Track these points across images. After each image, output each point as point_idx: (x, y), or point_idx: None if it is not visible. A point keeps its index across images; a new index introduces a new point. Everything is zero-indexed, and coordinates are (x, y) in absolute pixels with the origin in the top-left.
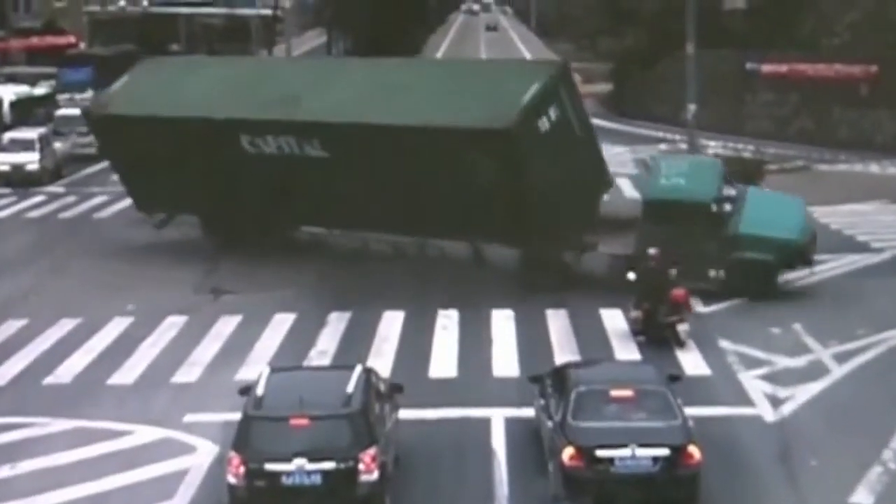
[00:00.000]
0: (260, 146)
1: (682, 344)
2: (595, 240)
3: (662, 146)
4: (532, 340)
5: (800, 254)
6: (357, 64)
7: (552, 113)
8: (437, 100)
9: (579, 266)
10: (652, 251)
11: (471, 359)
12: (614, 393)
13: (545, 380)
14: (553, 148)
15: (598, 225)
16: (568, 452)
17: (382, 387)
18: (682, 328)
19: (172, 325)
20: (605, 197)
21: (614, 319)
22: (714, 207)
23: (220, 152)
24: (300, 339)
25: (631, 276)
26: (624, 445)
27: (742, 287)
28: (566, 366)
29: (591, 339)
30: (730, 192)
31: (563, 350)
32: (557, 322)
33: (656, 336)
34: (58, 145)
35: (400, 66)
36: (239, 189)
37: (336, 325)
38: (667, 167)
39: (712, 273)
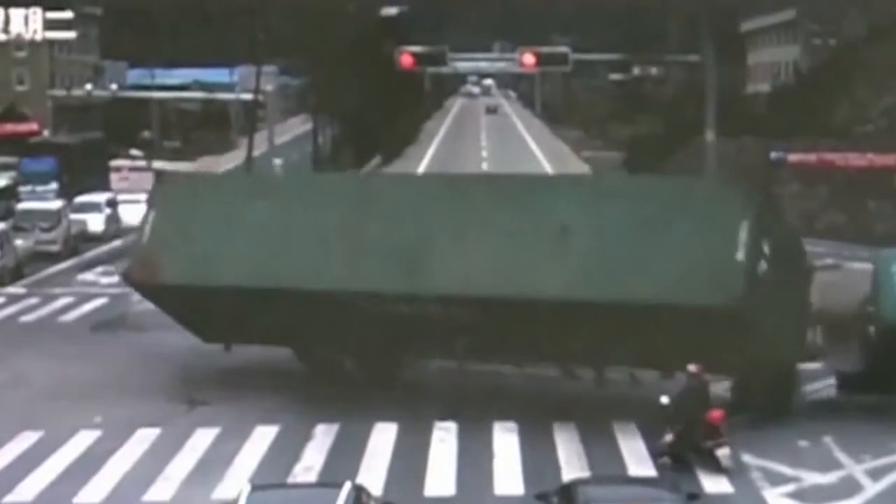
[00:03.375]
0: (384, 308)
1: (725, 470)
2: (816, 350)
3: None
4: (537, 454)
5: None
6: (492, 191)
7: (766, 247)
8: (623, 256)
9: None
10: (692, 368)
11: (470, 475)
12: None
13: (552, 498)
14: (772, 280)
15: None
16: None
17: None
18: (723, 453)
19: (143, 438)
20: None
21: (627, 432)
22: None
23: (325, 314)
24: (284, 453)
25: (664, 399)
26: None
27: None
28: (575, 483)
29: (603, 453)
30: None
31: (572, 465)
32: (565, 434)
33: (690, 459)
34: (18, 242)
35: (550, 196)
36: (349, 335)
37: (323, 438)
38: None
39: None
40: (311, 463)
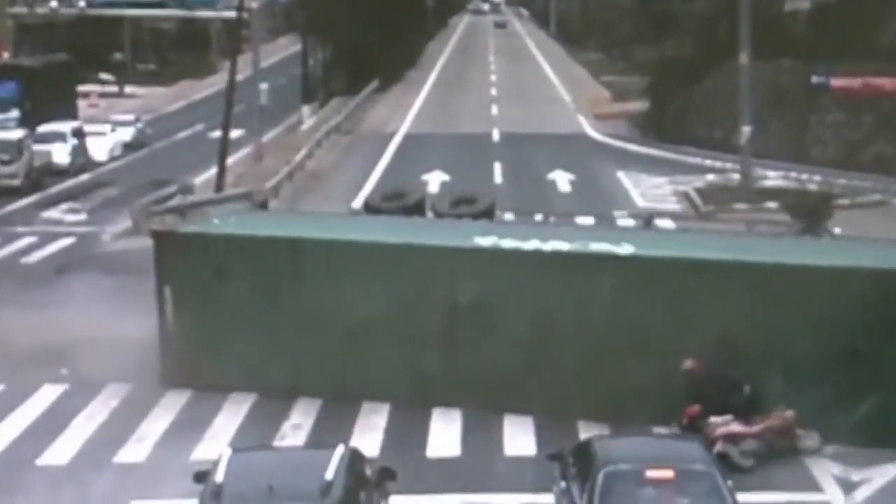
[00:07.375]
0: None
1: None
2: None
3: (710, 177)
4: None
5: None
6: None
7: None
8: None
9: None
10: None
11: (477, 435)
12: (650, 474)
13: (567, 458)
14: None
15: None
16: None
17: (370, 471)
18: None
19: (114, 393)
20: None
21: None
22: None
23: None
24: (269, 411)
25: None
26: None
27: None
28: (592, 440)
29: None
30: None
31: (590, 428)
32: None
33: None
34: None
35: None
36: None
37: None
38: None
39: None
40: (299, 422)
